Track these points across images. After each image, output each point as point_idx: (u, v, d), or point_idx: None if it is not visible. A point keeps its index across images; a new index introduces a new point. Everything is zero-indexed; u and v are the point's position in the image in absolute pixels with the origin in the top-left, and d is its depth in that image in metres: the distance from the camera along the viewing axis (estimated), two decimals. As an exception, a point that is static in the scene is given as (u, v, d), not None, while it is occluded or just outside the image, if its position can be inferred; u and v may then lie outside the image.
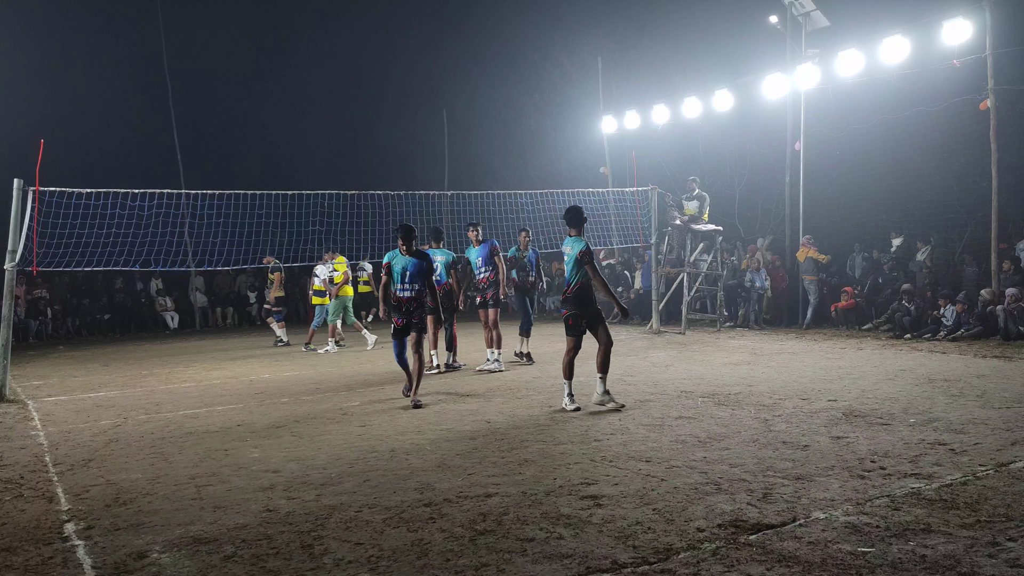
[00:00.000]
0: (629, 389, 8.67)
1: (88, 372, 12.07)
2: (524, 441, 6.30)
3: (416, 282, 8.13)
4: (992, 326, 12.26)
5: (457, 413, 7.58)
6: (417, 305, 8.17)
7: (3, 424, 7.90)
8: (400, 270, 8.15)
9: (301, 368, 11.71)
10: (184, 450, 6.40)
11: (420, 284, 8.15)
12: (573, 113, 23.55)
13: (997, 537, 3.86)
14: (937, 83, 13.86)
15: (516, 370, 10.70)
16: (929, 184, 15.38)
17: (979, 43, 12.98)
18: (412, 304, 8.15)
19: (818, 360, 10.44)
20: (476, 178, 22.83)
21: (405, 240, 8.15)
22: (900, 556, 3.66)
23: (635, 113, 19.77)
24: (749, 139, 19.10)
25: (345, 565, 3.83)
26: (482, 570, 3.70)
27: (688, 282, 15.42)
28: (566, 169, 23.31)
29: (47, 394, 9.86)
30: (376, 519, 4.48)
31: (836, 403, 7.45)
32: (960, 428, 6.27)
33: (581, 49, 23.25)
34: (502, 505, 4.63)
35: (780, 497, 4.60)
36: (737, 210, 19.71)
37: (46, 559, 4.04)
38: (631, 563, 3.70)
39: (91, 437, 7.04)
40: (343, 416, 7.66)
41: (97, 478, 5.58)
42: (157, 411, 8.32)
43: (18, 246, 9.65)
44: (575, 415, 7.35)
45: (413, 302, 8.15)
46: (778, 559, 3.68)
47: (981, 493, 4.55)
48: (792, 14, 15.75)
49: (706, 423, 6.76)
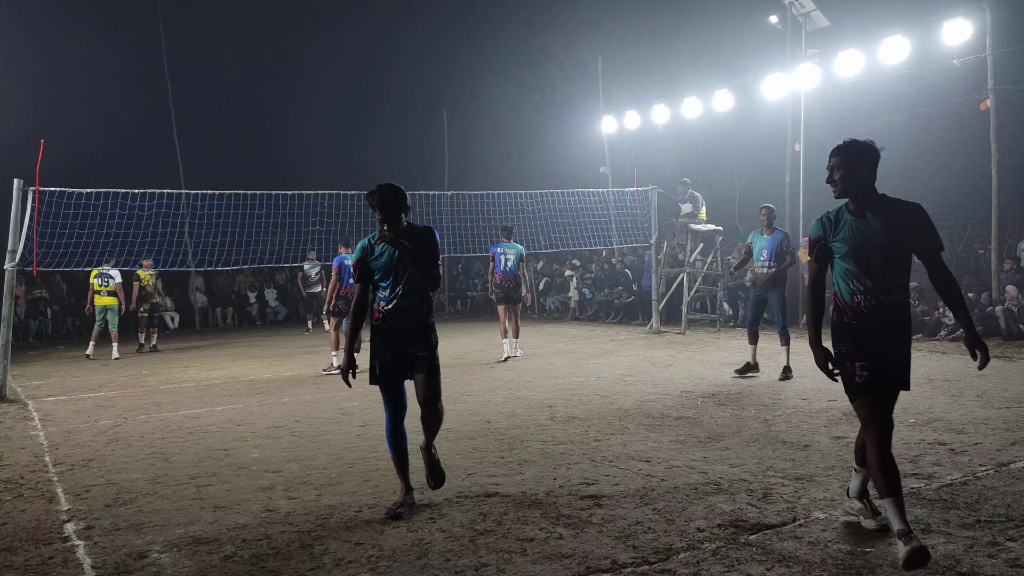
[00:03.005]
0: (629, 389, 8.67)
1: (88, 372, 12.07)
2: (524, 441, 6.30)
3: (411, 284, 4.63)
4: (993, 326, 12.27)
5: (457, 413, 7.58)
6: (413, 320, 4.66)
7: (3, 424, 7.90)
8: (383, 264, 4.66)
9: (301, 368, 11.71)
10: (184, 450, 6.40)
11: (418, 288, 4.64)
12: (573, 113, 23.55)
13: (997, 537, 3.86)
14: (937, 83, 13.87)
15: (517, 370, 10.70)
16: (929, 184, 15.36)
17: (979, 43, 12.98)
18: (406, 322, 4.65)
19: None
20: (476, 178, 22.84)
21: (386, 213, 4.59)
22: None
23: (635, 113, 19.77)
24: (749, 139, 19.11)
25: (345, 565, 3.83)
26: (482, 570, 3.70)
27: (688, 282, 15.42)
28: (566, 169, 23.32)
29: (47, 394, 9.86)
30: (376, 519, 4.48)
31: (836, 403, 7.45)
32: (960, 428, 6.27)
33: (581, 49, 23.25)
34: (502, 505, 4.63)
35: (780, 497, 4.60)
36: (737, 210, 19.71)
37: (46, 559, 4.04)
38: (631, 563, 3.70)
39: (91, 437, 7.04)
40: (343, 416, 7.66)
41: (97, 478, 5.58)
42: (157, 411, 8.32)
43: (18, 246, 9.65)
44: (577, 414, 7.34)
45: (408, 318, 4.66)
46: (778, 559, 3.68)
47: (981, 493, 4.55)
48: (792, 14, 15.75)
49: (706, 423, 6.76)
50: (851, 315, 3.81)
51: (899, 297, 3.78)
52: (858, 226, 3.78)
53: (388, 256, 4.65)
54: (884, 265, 3.73)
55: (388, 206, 4.60)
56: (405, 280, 4.64)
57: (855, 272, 3.78)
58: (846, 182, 3.78)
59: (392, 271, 4.65)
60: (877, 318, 3.76)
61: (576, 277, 19.92)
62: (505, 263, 11.73)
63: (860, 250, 3.74)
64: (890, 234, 3.72)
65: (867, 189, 3.79)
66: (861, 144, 3.79)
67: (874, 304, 3.76)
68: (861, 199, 3.79)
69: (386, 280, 4.67)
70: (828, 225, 3.86)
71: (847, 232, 3.79)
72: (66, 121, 20.46)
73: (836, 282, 3.90)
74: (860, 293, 3.78)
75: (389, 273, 4.65)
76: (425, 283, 4.63)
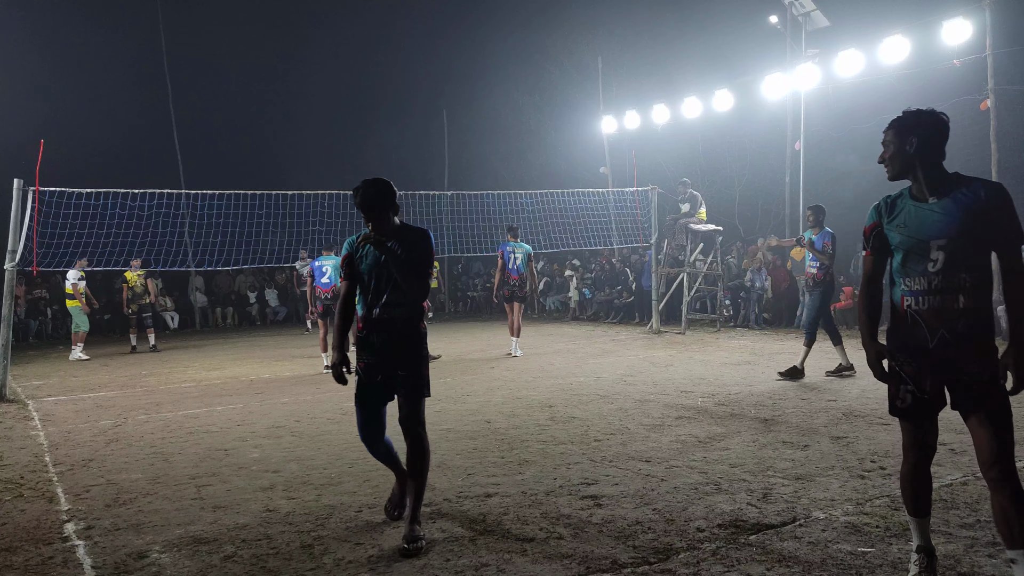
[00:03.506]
0: (629, 389, 8.67)
1: (88, 372, 12.07)
2: (524, 441, 6.30)
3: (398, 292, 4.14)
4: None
5: (457, 413, 7.58)
6: (399, 333, 4.19)
7: (3, 424, 7.90)
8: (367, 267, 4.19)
9: (301, 368, 11.71)
10: (184, 450, 6.39)
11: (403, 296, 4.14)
12: (573, 113, 23.58)
13: (997, 537, 3.85)
14: (937, 83, 13.87)
15: (517, 370, 10.69)
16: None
17: (979, 43, 12.99)
18: (391, 334, 4.19)
19: (818, 360, 10.43)
20: (476, 178, 22.88)
21: (370, 212, 4.11)
22: (900, 556, 3.66)
23: (635, 113, 19.78)
24: (749, 139, 19.13)
25: (345, 565, 3.83)
26: (482, 570, 3.70)
27: (688, 282, 15.42)
28: (566, 169, 23.34)
29: (47, 394, 9.86)
30: (376, 519, 4.48)
31: (836, 403, 7.45)
32: (960, 428, 6.23)
33: (581, 49, 23.28)
34: (502, 505, 4.63)
35: (780, 497, 4.60)
36: (737, 210, 19.73)
37: (46, 559, 4.04)
38: (631, 563, 3.70)
39: (91, 437, 7.04)
40: (343, 416, 7.66)
41: (97, 478, 5.58)
42: (157, 411, 8.32)
43: (18, 246, 9.65)
44: (577, 414, 7.34)
45: (393, 330, 4.18)
46: (778, 559, 3.68)
47: (981, 493, 4.55)
48: (792, 14, 15.76)
49: (706, 423, 6.76)
50: (901, 322, 3.20)
51: (966, 301, 3.06)
52: (916, 211, 3.15)
53: (373, 259, 4.13)
54: (945, 260, 3.05)
55: (372, 205, 4.08)
56: (391, 288, 4.12)
57: (907, 268, 3.15)
58: (895, 160, 3.22)
59: (377, 276, 4.13)
60: (932, 327, 3.10)
61: (576, 277, 19.93)
62: (515, 262, 12.16)
63: (913, 241, 3.12)
64: (955, 222, 3.04)
65: (925, 168, 3.15)
66: (915, 113, 3.18)
67: (927, 309, 3.10)
68: (922, 179, 3.16)
69: (370, 286, 4.16)
70: (883, 209, 3.27)
71: (902, 218, 3.18)
72: (66, 121, 20.48)
73: (890, 281, 3.30)
74: (911, 295, 3.15)
75: (373, 278, 4.15)
76: (410, 294, 4.12)
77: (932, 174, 3.16)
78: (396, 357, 4.16)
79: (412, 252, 4.11)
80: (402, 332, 4.17)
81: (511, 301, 12.27)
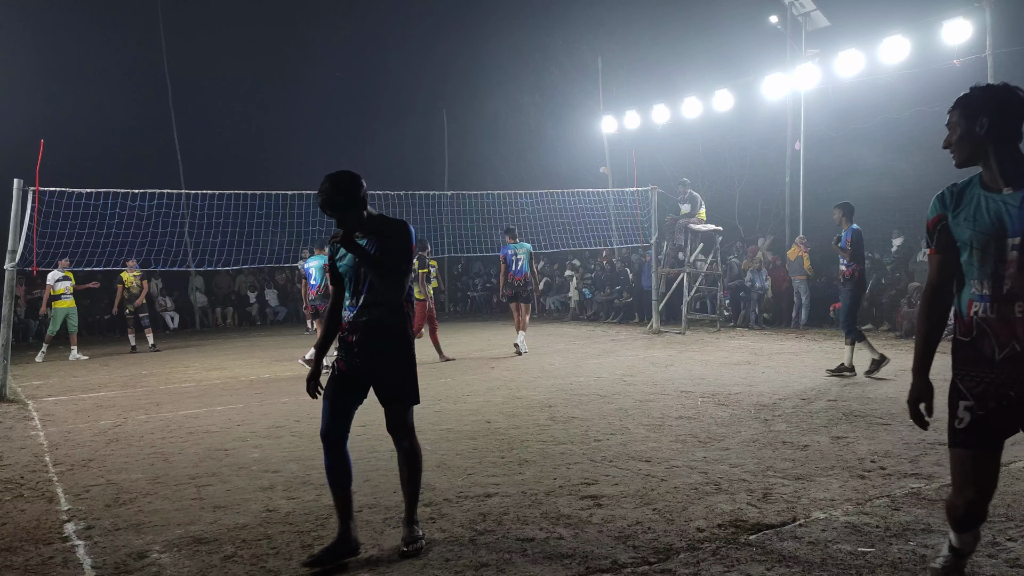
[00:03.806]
0: (629, 389, 8.67)
1: (88, 372, 12.08)
2: (524, 441, 6.30)
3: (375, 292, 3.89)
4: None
5: (457, 413, 7.58)
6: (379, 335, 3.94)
7: (3, 424, 7.90)
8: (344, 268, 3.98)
9: (301, 368, 11.71)
10: (184, 450, 6.39)
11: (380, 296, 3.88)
12: (573, 113, 23.56)
13: (997, 537, 3.86)
14: (937, 83, 13.86)
15: (517, 370, 10.69)
16: (929, 184, 15.35)
17: (979, 43, 12.99)
18: (372, 336, 3.93)
19: (818, 360, 10.43)
20: (476, 178, 22.85)
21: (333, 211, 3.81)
22: (900, 556, 3.66)
23: (635, 113, 19.78)
24: (749, 139, 19.12)
25: (345, 565, 3.82)
26: (482, 570, 3.70)
27: (688, 282, 15.42)
28: (566, 169, 23.32)
29: (47, 394, 9.86)
30: (376, 519, 4.48)
31: (836, 403, 7.44)
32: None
33: (581, 49, 23.26)
34: (502, 505, 4.63)
35: (780, 497, 4.60)
36: (737, 210, 19.72)
37: (46, 559, 4.04)
38: (631, 563, 3.70)
39: (91, 437, 7.04)
40: (343, 416, 7.66)
41: (97, 478, 5.58)
42: (157, 411, 8.32)
43: (18, 246, 9.66)
44: (577, 414, 7.33)
45: (374, 331, 3.93)
46: (778, 559, 3.68)
47: (981, 493, 4.55)
48: (792, 14, 15.77)
49: (706, 423, 6.76)
50: (965, 333, 2.80)
51: None
52: (988, 203, 2.66)
53: (350, 258, 3.88)
54: (1019, 260, 2.59)
55: (332, 201, 3.77)
56: (368, 287, 3.87)
57: (975, 269, 2.70)
58: (962, 144, 2.76)
59: (354, 276, 3.89)
60: (1000, 339, 2.66)
61: (576, 277, 19.93)
62: (517, 263, 12.34)
63: (984, 237, 2.64)
64: None
65: (1000, 152, 2.67)
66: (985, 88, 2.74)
67: (995, 319, 2.65)
68: (995, 166, 2.68)
69: (349, 287, 3.93)
70: (949, 199, 2.80)
71: (970, 211, 2.70)
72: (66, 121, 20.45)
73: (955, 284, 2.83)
74: (979, 300, 2.70)
75: (350, 279, 3.91)
76: (383, 291, 3.84)
77: (1008, 160, 2.67)
78: (376, 359, 3.90)
79: (385, 245, 3.84)
80: (383, 334, 3.91)
81: (516, 301, 12.45)
